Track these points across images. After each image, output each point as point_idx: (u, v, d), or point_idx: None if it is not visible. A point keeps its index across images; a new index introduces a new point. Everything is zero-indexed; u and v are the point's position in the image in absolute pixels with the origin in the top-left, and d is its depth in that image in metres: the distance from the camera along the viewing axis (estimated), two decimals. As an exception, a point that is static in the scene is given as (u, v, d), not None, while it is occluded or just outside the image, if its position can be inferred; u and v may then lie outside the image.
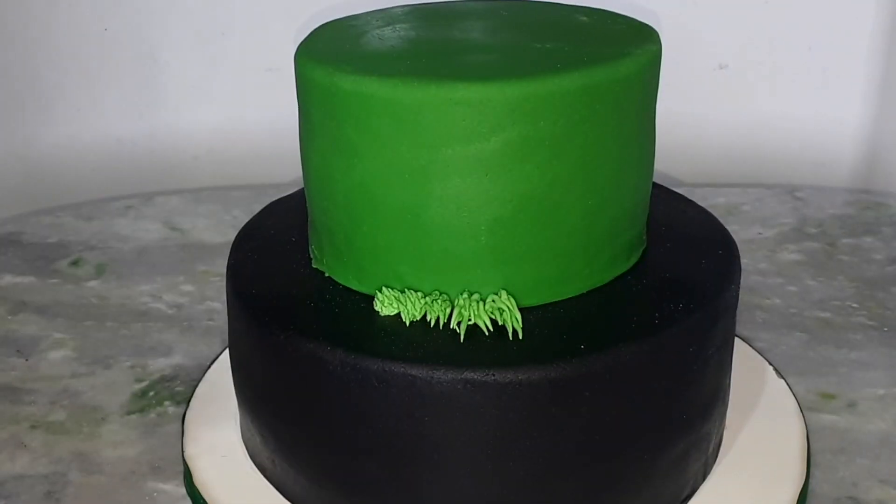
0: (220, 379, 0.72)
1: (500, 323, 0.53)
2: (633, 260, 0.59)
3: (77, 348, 0.79)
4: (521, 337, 0.52)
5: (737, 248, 0.61)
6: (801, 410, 0.67)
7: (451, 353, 0.51)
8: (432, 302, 0.54)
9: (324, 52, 0.56)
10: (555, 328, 0.53)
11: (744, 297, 0.76)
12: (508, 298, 0.54)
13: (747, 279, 0.84)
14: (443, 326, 0.54)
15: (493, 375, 0.50)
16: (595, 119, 0.52)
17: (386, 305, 0.55)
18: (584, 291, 0.56)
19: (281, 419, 0.58)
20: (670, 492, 0.57)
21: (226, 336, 0.67)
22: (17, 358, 0.78)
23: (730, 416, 0.64)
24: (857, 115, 1.08)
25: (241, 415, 0.64)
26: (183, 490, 0.63)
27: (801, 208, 1.01)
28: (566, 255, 0.55)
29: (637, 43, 0.55)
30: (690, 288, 0.57)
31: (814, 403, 0.70)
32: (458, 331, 0.53)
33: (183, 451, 0.65)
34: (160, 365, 0.76)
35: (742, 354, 0.72)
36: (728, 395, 0.62)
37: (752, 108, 1.09)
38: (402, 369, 0.51)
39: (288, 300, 0.57)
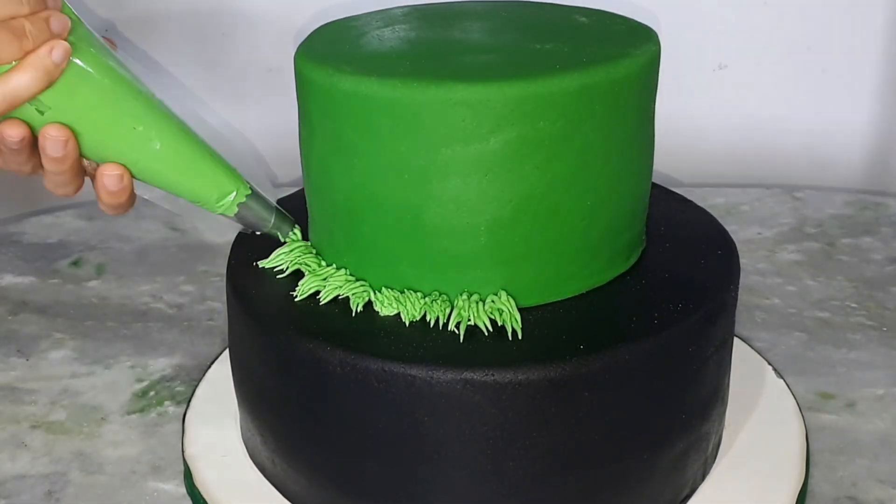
0: (220, 379, 0.72)
1: (499, 323, 0.53)
2: (633, 260, 0.59)
3: (77, 348, 0.79)
4: (520, 337, 0.53)
5: (736, 248, 0.62)
6: (801, 410, 0.67)
7: (450, 354, 0.51)
8: (432, 302, 0.54)
9: (324, 52, 0.56)
10: (554, 328, 0.53)
11: (743, 297, 0.76)
12: (508, 299, 0.54)
13: (747, 279, 0.84)
14: (442, 326, 0.54)
15: (493, 375, 0.50)
16: (594, 119, 0.52)
17: (386, 305, 0.55)
18: (584, 291, 0.57)
19: (281, 419, 0.58)
20: (670, 492, 0.57)
21: (226, 336, 0.67)
22: (17, 358, 0.78)
23: (729, 416, 0.64)
24: (857, 115, 1.08)
25: (241, 415, 0.64)
26: (183, 490, 0.63)
27: (801, 208, 1.01)
28: (565, 256, 0.55)
29: (636, 43, 0.55)
30: (690, 288, 0.57)
31: (813, 403, 0.70)
32: (457, 331, 0.53)
33: (183, 451, 0.65)
34: (160, 365, 0.77)
35: (741, 354, 0.72)
36: (727, 395, 0.62)
37: (752, 108, 1.09)
38: (402, 369, 0.51)
39: (288, 300, 0.57)
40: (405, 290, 0.55)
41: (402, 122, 0.51)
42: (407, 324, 0.54)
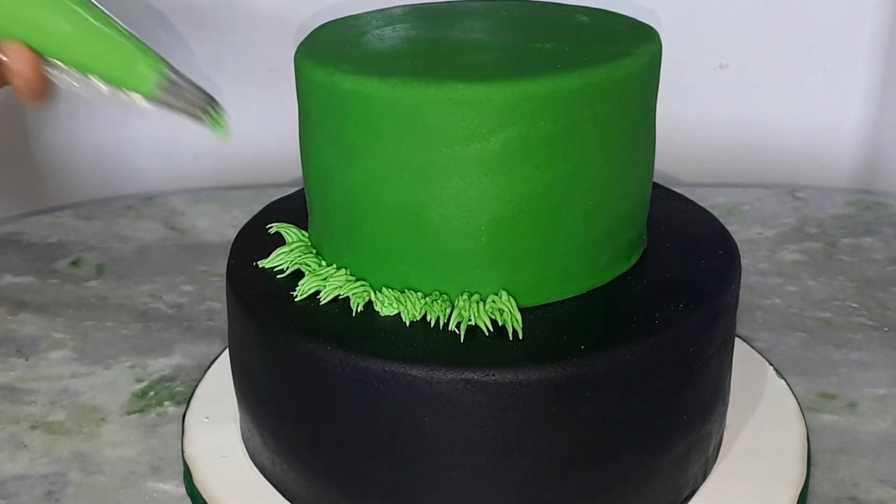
0: (220, 379, 0.72)
1: (500, 323, 0.53)
2: (633, 260, 0.59)
3: (77, 348, 0.79)
4: (521, 337, 0.52)
5: (737, 248, 0.61)
6: (802, 410, 0.67)
7: (451, 353, 0.51)
8: (432, 302, 0.54)
9: (324, 52, 0.56)
10: (555, 328, 0.53)
11: (744, 297, 0.76)
12: (508, 299, 0.54)
13: (747, 279, 0.84)
14: (443, 326, 0.53)
15: (493, 375, 0.50)
16: (595, 119, 0.52)
17: (386, 305, 0.55)
18: (584, 291, 0.56)
19: (281, 419, 0.58)
20: (671, 492, 0.57)
21: (226, 336, 0.67)
22: (17, 358, 0.78)
23: (730, 416, 0.64)
24: (857, 115, 1.08)
25: (241, 415, 0.64)
26: (183, 490, 0.63)
27: (802, 208, 1.01)
28: (566, 255, 0.55)
29: (637, 43, 0.55)
30: (690, 288, 0.57)
31: (814, 403, 0.70)
32: (457, 331, 0.53)
33: (183, 452, 0.65)
34: (160, 365, 0.76)
35: (742, 354, 0.72)
36: (728, 395, 0.62)
37: (752, 108, 1.09)
38: (402, 369, 0.51)
39: (288, 300, 0.57)
40: (405, 290, 0.55)
41: (402, 122, 0.51)
42: (407, 324, 0.54)
